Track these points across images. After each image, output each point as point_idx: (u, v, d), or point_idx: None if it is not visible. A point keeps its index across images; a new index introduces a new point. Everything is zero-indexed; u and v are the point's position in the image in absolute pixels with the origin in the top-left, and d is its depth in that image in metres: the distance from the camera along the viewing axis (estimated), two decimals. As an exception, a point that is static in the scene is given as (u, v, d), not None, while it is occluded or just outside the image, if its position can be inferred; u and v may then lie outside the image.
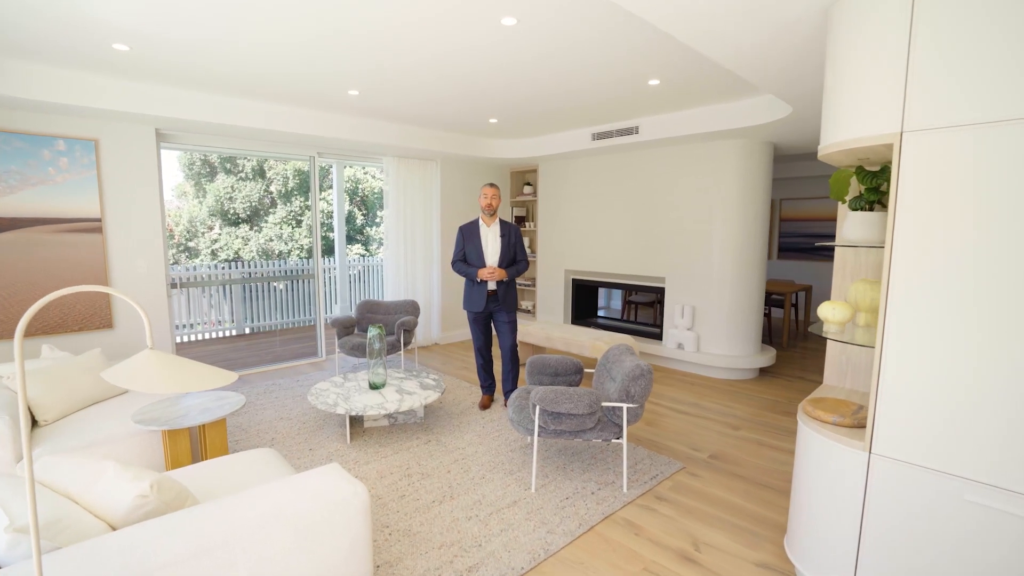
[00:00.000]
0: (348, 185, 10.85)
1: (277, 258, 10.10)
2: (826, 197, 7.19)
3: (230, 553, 1.30)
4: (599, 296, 6.37)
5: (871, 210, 2.04)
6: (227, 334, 6.74)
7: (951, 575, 1.53)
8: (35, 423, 2.49)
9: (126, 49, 2.79)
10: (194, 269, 8.36)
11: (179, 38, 2.65)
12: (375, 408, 3.11)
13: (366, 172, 11.13)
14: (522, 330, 4.85)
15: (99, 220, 3.64)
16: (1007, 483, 1.42)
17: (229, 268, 7.45)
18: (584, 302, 6.18)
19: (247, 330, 6.88)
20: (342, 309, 7.40)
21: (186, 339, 6.38)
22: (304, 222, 10.33)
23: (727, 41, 2.25)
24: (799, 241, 7.51)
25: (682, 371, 4.92)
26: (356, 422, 3.54)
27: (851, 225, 2.01)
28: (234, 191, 10.03)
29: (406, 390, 3.44)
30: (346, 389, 3.47)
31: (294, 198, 10.34)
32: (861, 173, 1.98)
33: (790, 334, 6.54)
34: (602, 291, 6.35)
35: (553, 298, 6.22)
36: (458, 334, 6.23)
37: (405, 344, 4.63)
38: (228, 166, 10.11)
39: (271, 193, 10.35)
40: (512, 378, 3.77)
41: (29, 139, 3.34)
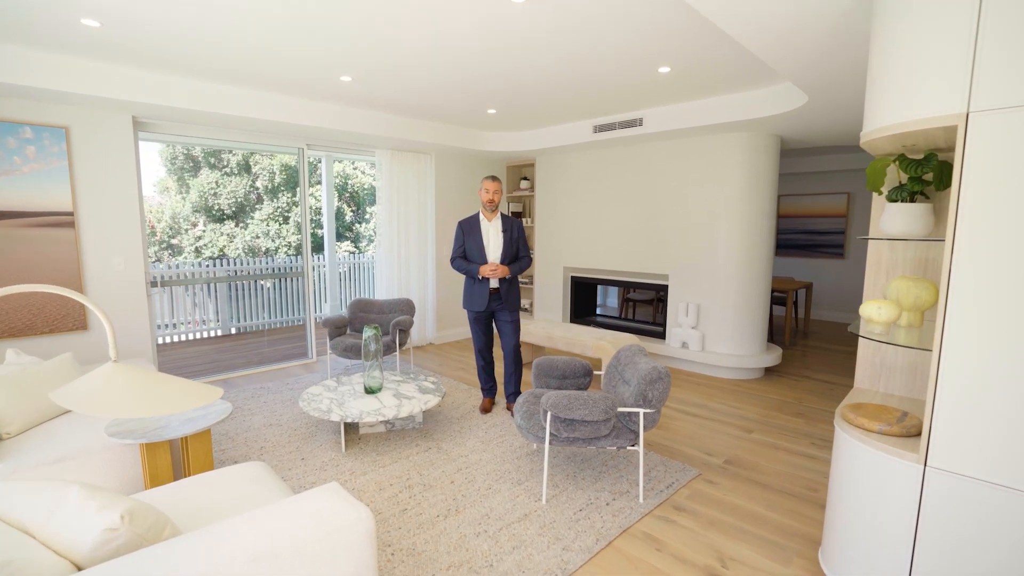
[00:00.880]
0: (337, 181, 10.57)
1: (264, 255, 9.80)
2: (825, 193, 7.12)
3: (216, 597, 1.11)
4: (599, 294, 6.22)
5: (912, 201, 1.91)
6: (212, 334, 6.47)
7: (1019, 600, 1.39)
8: (-2, 436, 2.27)
9: (96, 25, 2.56)
10: (177, 267, 8.06)
11: (156, 16, 2.42)
12: (372, 414, 2.92)
13: (355, 168, 10.86)
14: (522, 329, 4.67)
15: (71, 214, 3.39)
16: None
17: (214, 266, 7.17)
18: (583, 300, 6.02)
19: (233, 330, 6.62)
20: (332, 308, 7.16)
21: (169, 340, 6.11)
22: (292, 218, 10.04)
23: (755, 19, 2.09)
24: (797, 238, 7.43)
25: (687, 371, 4.79)
26: (351, 428, 3.34)
27: (891, 217, 1.87)
28: (219, 187, 9.71)
29: (404, 394, 3.25)
30: (340, 394, 3.27)
31: (281, 194, 10.04)
32: (904, 161, 1.83)
33: (791, 332, 6.45)
34: (601, 289, 6.20)
35: (551, 296, 6.05)
36: (453, 333, 6.04)
37: (401, 345, 4.43)
38: (212, 161, 9.78)
39: (257, 189, 10.04)
40: (515, 380, 3.60)
41: (-7, 126, 3.08)
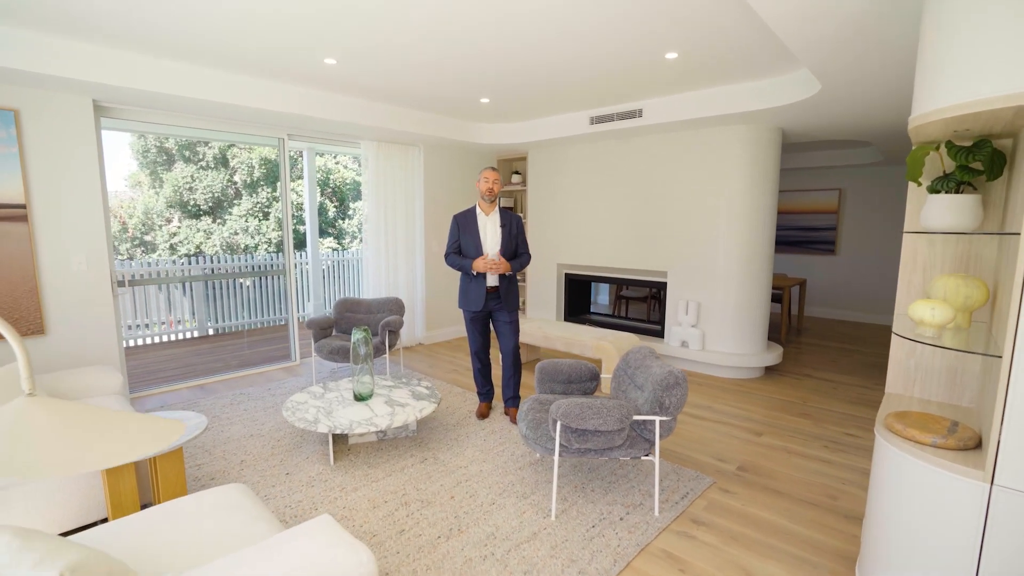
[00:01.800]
0: (319, 176, 10.22)
1: (243, 252, 9.41)
2: (816, 189, 7.07)
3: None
4: (594, 291, 6.06)
5: (958, 192, 1.76)
6: (187, 336, 6.13)
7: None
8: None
9: (50, -6, 2.27)
10: (150, 264, 7.66)
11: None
12: (363, 424, 2.69)
13: (337, 162, 10.52)
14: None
15: (24, 207, 3.07)
16: None
17: (189, 263, 6.81)
18: (577, 298, 5.85)
19: (210, 331, 6.29)
20: (316, 307, 6.87)
21: (139, 342, 5.76)
22: (272, 214, 9.67)
23: (784, -5, 1.92)
24: (789, 234, 7.37)
25: (687, 371, 4.65)
26: (339, 438, 3.11)
27: (936, 210, 1.72)
28: (194, 181, 9.28)
29: (396, 401, 3.03)
30: (327, 401, 3.03)
31: (260, 189, 9.65)
32: (952, 148, 1.68)
33: (786, 329, 6.37)
34: (595, 287, 6.03)
35: (545, 294, 5.87)
36: (443, 333, 5.82)
37: (390, 346, 4.20)
38: (187, 154, 9.34)
39: (235, 183, 9.64)
40: (514, 384, 3.40)
41: (-67, 109, 2.76)
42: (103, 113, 3.48)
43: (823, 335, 6.16)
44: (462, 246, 3.31)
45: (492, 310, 3.34)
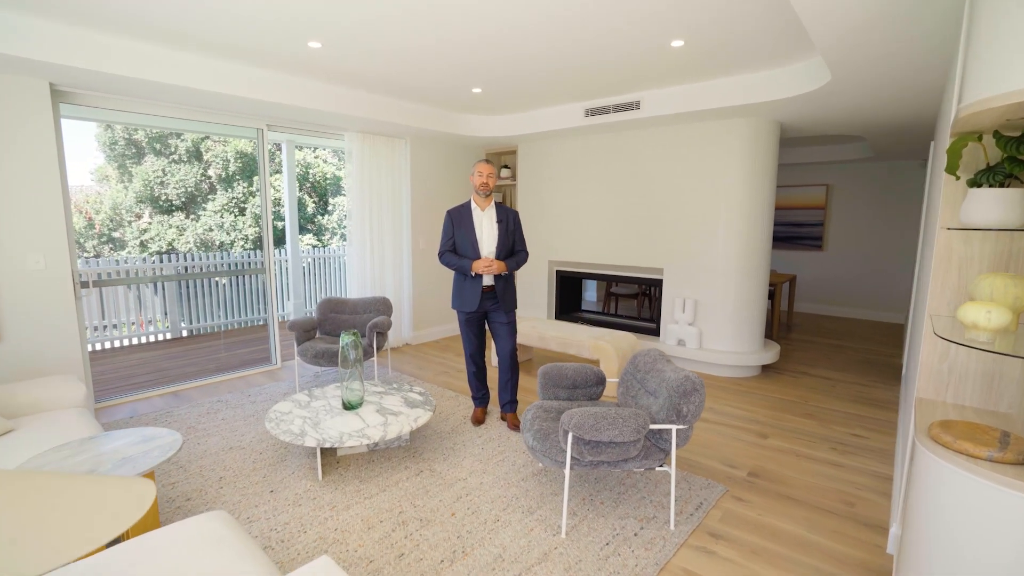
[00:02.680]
0: (298, 170, 9.85)
1: (219, 249, 9.02)
2: (804, 185, 7.06)
3: None
4: (586, 289, 5.92)
5: (1004, 186, 1.65)
6: (159, 338, 5.80)
7: None
8: None
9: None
10: (119, 263, 7.26)
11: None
12: (355, 436, 2.50)
13: (317, 156, 10.17)
14: (512, 329, 4.31)
15: (-27, 201, 2.78)
16: None
17: (161, 261, 6.46)
18: (568, 296, 5.71)
19: (184, 332, 5.97)
20: (297, 307, 6.59)
21: (106, 345, 5.42)
22: (248, 210, 9.28)
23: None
24: (778, 230, 7.35)
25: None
26: (328, 449, 2.90)
27: (979, 205, 1.60)
28: (166, 175, 8.84)
29: (388, 409, 2.84)
30: (313, 411, 2.82)
31: (236, 183, 9.26)
32: (1000, 139, 1.57)
33: (777, 326, 6.35)
34: (589, 283, 5.90)
35: (536, 292, 5.71)
36: (430, 333, 5.61)
37: (378, 348, 3.99)
38: (158, 147, 8.90)
39: (210, 178, 9.22)
40: (511, 388, 3.24)
41: None
42: (63, 99, 3.18)
43: (812, 331, 6.15)
44: (457, 243, 3.12)
45: (488, 311, 3.16)
